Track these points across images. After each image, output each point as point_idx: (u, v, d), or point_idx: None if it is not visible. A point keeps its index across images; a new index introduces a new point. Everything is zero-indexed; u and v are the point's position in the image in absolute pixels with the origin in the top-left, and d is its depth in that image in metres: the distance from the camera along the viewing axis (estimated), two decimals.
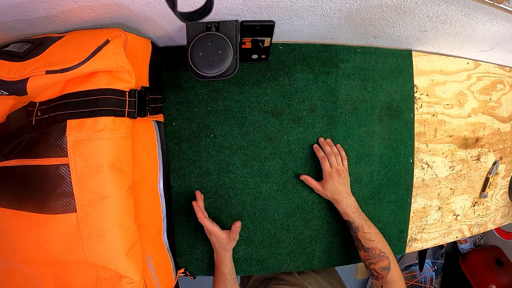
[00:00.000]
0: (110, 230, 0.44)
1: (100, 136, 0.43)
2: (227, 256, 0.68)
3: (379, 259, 0.68)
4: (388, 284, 0.67)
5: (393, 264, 0.69)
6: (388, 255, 0.69)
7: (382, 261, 0.68)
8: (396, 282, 0.67)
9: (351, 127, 0.75)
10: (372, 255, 0.69)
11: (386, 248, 0.70)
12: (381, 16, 0.59)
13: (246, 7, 0.51)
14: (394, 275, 0.68)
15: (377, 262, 0.69)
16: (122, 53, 0.45)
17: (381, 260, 0.68)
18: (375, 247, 0.69)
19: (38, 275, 0.47)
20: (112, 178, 0.44)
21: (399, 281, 0.68)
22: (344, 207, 0.70)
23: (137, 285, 0.47)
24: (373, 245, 0.69)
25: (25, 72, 0.41)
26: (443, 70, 0.84)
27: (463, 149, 0.89)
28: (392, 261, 0.70)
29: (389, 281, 0.68)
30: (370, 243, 0.69)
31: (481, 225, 0.98)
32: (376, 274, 0.69)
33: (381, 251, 0.69)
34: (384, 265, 0.68)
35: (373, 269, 0.69)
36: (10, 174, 0.45)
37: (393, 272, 0.68)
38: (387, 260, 0.69)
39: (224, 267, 0.67)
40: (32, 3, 0.43)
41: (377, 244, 0.70)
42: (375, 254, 0.69)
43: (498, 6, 0.53)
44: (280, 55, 0.71)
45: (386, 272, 0.68)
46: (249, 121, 0.70)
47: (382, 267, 0.68)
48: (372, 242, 0.69)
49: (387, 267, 0.68)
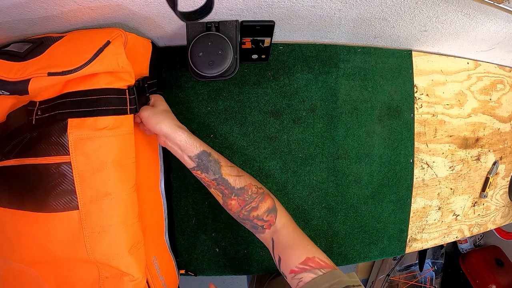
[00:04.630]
0: (113, 227, 0.44)
1: (102, 134, 0.43)
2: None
3: (260, 198, 0.50)
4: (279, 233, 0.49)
5: (277, 202, 0.53)
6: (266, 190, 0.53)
7: (264, 201, 0.50)
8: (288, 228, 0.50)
9: (351, 127, 0.75)
10: (249, 196, 0.50)
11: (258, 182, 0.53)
12: (381, 16, 0.59)
13: (246, 7, 0.51)
14: (283, 217, 0.51)
15: (258, 205, 0.50)
16: (123, 53, 0.45)
17: (263, 200, 0.50)
18: (249, 184, 0.51)
19: (38, 275, 0.47)
20: (114, 175, 0.44)
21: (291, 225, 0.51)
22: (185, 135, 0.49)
23: (139, 282, 0.47)
24: (246, 182, 0.51)
25: (26, 73, 0.41)
26: (443, 70, 0.84)
27: (463, 149, 0.89)
28: (274, 198, 0.53)
29: (279, 227, 0.50)
30: (240, 180, 0.50)
31: (481, 225, 0.98)
32: (261, 224, 0.50)
33: (257, 187, 0.51)
34: (268, 205, 0.51)
35: (255, 217, 0.50)
36: (10, 173, 0.45)
37: (281, 214, 0.51)
38: (269, 198, 0.51)
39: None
40: (32, 3, 0.43)
41: (249, 179, 0.51)
42: (253, 193, 0.50)
43: (498, 6, 0.53)
44: (280, 55, 0.71)
45: (274, 215, 0.50)
46: (249, 121, 0.70)
47: (267, 209, 0.50)
48: (243, 178, 0.51)
49: (273, 208, 0.51)
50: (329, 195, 0.75)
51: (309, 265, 0.45)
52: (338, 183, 0.76)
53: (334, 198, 0.76)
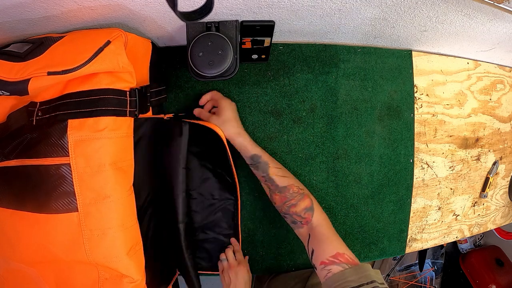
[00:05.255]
0: (112, 229, 0.44)
1: (102, 136, 0.43)
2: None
3: (299, 198, 0.57)
4: (315, 230, 0.55)
5: (315, 202, 0.59)
6: (306, 191, 0.59)
7: (303, 200, 0.57)
8: (323, 226, 0.56)
9: (351, 127, 0.75)
10: (290, 194, 0.58)
11: (301, 184, 0.60)
12: (381, 16, 0.59)
13: (246, 7, 0.51)
14: (319, 216, 0.57)
15: (297, 203, 0.57)
16: (123, 53, 0.45)
17: (302, 199, 0.57)
18: (291, 184, 0.58)
19: (39, 275, 0.47)
20: (113, 178, 0.44)
21: (326, 224, 0.56)
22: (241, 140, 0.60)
23: (138, 284, 0.48)
24: (288, 182, 0.58)
25: (27, 73, 0.41)
26: (443, 70, 0.84)
27: (463, 149, 0.89)
28: (313, 198, 0.59)
29: (316, 225, 0.56)
30: (284, 180, 0.58)
31: (481, 225, 0.98)
32: (300, 219, 0.57)
33: (298, 188, 0.59)
34: (306, 204, 0.57)
35: (294, 213, 0.57)
36: (11, 174, 0.45)
37: (318, 213, 0.57)
38: (308, 198, 0.58)
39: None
40: (32, 3, 0.43)
41: (292, 181, 0.59)
42: (294, 192, 0.58)
43: (498, 6, 0.53)
44: (280, 55, 0.71)
45: (311, 214, 0.57)
46: (249, 121, 0.70)
47: (305, 208, 0.57)
48: (287, 179, 0.59)
49: (311, 207, 0.57)
50: (329, 195, 0.75)
51: (338, 259, 0.51)
52: (338, 183, 0.76)
53: (334, 198, 0.76)
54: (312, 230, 0.56)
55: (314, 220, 0.56)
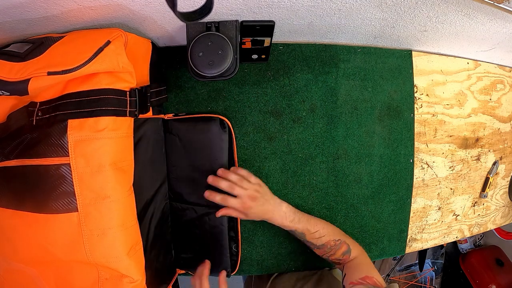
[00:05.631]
0: (112, 229, 0.44)
1: (101, 136, 0.43)
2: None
3: (336, 248, 0.65)
4: (352, 262, 0.64)
5: (351, 243, 0.67)
6: (343, 239, 0.66)
7: (340, 249, 0.65)
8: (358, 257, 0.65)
9: (351, 127, 0.75)
10: (328, 249, 0.65)
11: (338, 233, 0.67)
12: (381, 16, 0.59)
13: (246, 7, 0.51)
14: (356, 252, 0.66)
15: (335, 252, 0.65)
16: (123, 53, 0.45)
17: (339, 248, 0.65)
18: (328, 241, 0.65)
19: (39, 275, 0.47)
20: (113, 178, 0.44)
21: (361, 255, 0.66)
22: (279, 221, 0.63)
23: (138, 284, 0.47)
24: (325, 240, 0.65)
25: (26, 73, 0.41)
26: (443, 70, 0.84)
27: (463, 149, 0.89)
28: (349, 241, 0.67)
29: (352, 258, 0.65)
30: (321, 240, 0.65)
31: (481, 225, 0.98)
32: (338, 261, 0.66)
33: (335, 241, 0.65)
34: (343, 250, 0.65)
35: (334, 259, 0.66)
36: (11, 174, 0.45)
37: (354, 250, 0.66)
38: (345, 245, 0.65)
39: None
40: (32, 3, 0.43)
41: (329, 237, 0.65)
42: (331, 246, 0.65)
43: (498, 6, 0.53)
44: (280, 55, 0.71)
45: (348, 255, 0.65)
46: (249, 121, 0.70)
47: (342, 252, 0.65)
48: (323, 238, 0.65)
49: (347, 251, 0.65)
50: (329, 195, 0.75)
51: (366, 281, 0.57)
52: (338, 183, 0.76)
53: (334, 198, 0.76)
54: (350, 262, 0.65)
55: (351, 257, 0.65)
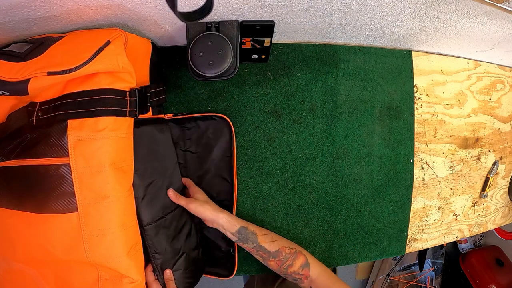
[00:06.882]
0: (112, 230, 0.44)
1: (101, 136, 0.43)
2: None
3: (293, 257, 0.60)
4: (316, 281, 0.59)
5: (309, 256, 0.61)
6: (298, 249, 0.61)
7: (297, 259, 0.60)
8: (323, 275, 0.59)
9: (351, 127, 0.75)
10: (284, 257, 0.59)
11: (291, 242, 0.62)
12: (381, 16, 0.59)
13: (246, 7, 0.51)
14: (317, 268, 0.60)
15: (293, 263, 0.59)
16: (123, 53, 0.45)
17: (296, 258, 0.60)
18: (282, 247, 0.60)
19: (38, 275, 0.47)
20: (113, 178, 0.44)
21: (324, 273, 0.60)
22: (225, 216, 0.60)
23: (138, 284, 0.48)
24: (279, 245, 0.60)
25: (26, 73, 0.41)
26: (443, 70, 0.84)
27: (463, 149, 0.89)
28: (306, 253, 0.61)
29: (315, 277, 0.59)
30: (274, 244, 0.60)
31: (481, 225, 0.98)
32: (299, 277, 0.60)
33: (289, 248, 0.61)
34: (301, 262, 0.60)
35: (292, 272, 0.59)
36: (11, 174, 0.45)
37: (314, 266, 0.60)
38: (301, 255, 0.60)
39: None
40: (32, 3, 0.43)
41: (282, 242, 0.61)
42: (286, 254, 0.60)
43: (498, 6, 0.53)
44: (280, 55, 0.71)
45: (308, 269, 0.59)
46: (249, 121, 0.70)
47: (300, 265, 0.59)
48: (276, 243, 0.61)
49: (306, 263, 0.60)
50: (329, 195, 0.75)
51: None
52: (338, 183, 0.76)
53: (334, 198, 0.76)
54: (313, 283, 0.59)
55: (312, 274, 0.59)
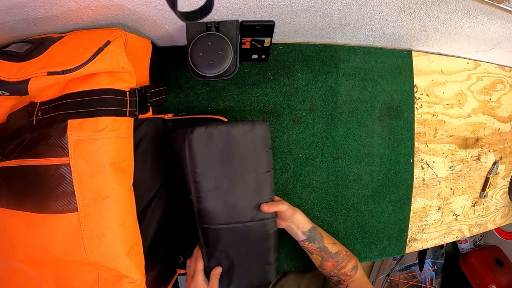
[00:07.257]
0: (112, 230, 0.44)
1: (101, 136, 0.43)
2: None
3: (348, 259, 0.64)
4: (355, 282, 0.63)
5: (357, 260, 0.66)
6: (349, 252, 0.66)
7: (351, 261, 0.64)
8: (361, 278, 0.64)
9: (351, 127, 0.75)
10: (341, 258, 0.64)
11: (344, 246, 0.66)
12: (381, 16, 0.59)
13: (246, 7, 0.51)
14: (361, 271, 0.65)
15: (347, 264, 0.64)
16: (123, 53, 0.45)
17: (350, 260, 0.64)
18: (341, 249, 0.64)
19: (38, 275, 0.47)
20: (113, 178, 0.44)
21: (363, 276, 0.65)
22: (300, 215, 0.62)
23: (138, 284, 0.47)
24: (339, 248, 0.64)
25: (26, 73, 0.41)
26: (443, 70, 0.84)
27: (463, 149, 0.89)
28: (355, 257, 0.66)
29: (357, 278, 0.64)
30: (335, 246, 0.64)
31: (481, 225, 0.98)
32: (344, 278, 0.64)
33: (346, 250, 0.65)
34: (353, 264, 0.64)
35: (343, 273, 0.64)
36: (11, 174, 0.45)
37: (360, 269, 0.65)
38: (354, 259, 0.65)
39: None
40: (32, 3, 0.43)
41: (340, 245, 0.65)
42: (343, 256, 0.64)
43: (498, 6, 0.53)
44: (280, 55, 0.71)
45: (355, 271, 0.64)
46: None
47: (352, 266, 0.64)
48: (336, 245, 0.65)
49: (356, 266, 0.64)
50: (329, 195, 0.75)
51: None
52: (338, 183, 0.76)
53: (334, 198, 0.76)
54: (352, 282, 0.63)
55: (356, 275, 0.64)
